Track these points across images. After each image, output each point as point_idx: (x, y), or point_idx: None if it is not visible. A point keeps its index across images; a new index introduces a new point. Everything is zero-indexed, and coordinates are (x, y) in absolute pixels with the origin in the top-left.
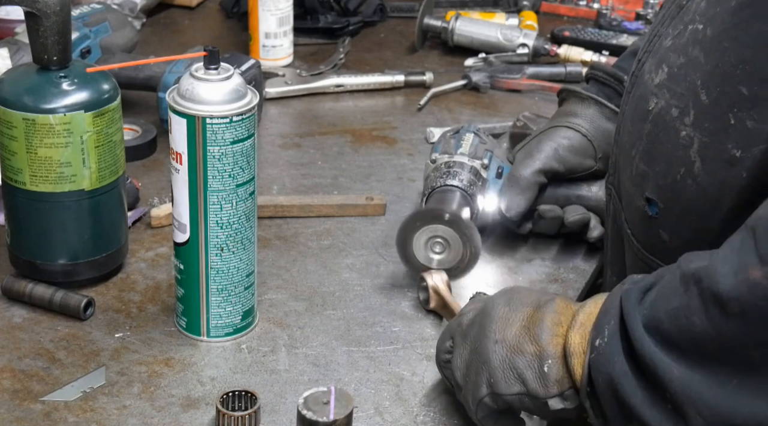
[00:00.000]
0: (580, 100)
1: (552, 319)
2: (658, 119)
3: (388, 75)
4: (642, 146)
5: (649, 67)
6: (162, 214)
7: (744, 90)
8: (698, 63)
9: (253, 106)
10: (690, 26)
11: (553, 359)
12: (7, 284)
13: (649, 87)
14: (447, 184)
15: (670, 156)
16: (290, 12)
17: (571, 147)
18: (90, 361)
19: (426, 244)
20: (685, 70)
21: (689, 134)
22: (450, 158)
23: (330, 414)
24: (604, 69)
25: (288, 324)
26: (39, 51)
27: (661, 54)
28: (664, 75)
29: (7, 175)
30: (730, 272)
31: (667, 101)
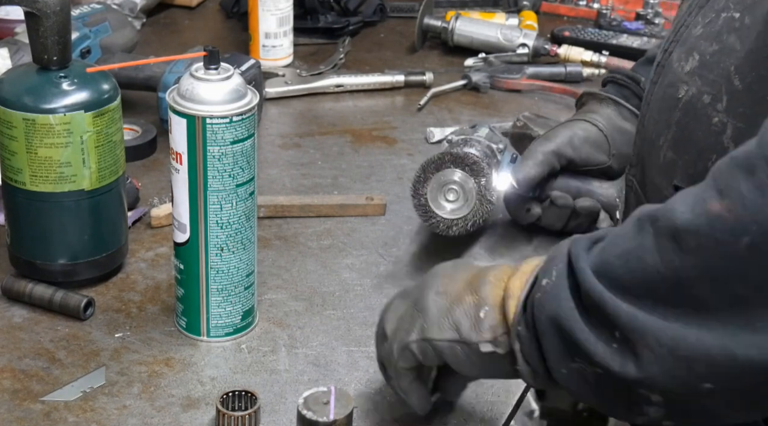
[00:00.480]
0: (598, 100)
1: (495, 275)
2: (688, 107)
3: (388, 75)
4: (671, 134)
5: (678, 56)
6: (162, 214)
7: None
8: (733, 49)
9: (253, 106)
10: (723, 14)
11: (490, 307)
12: (7, 284)
13: (678, 75)
14: (465, 151)
15: (701, 143)
16: (290, 12)
17: (587, 138)
18: (90, 361)
19: (438, 193)
20: (718, 57)
21: (722, 120)
22: (468, 137)
23: (330, 414)
24: (622, 71)
25: (288, 324)
26: (39, 51)
27: (691, 42)
28: (695, 62)
29: (7, 175)
30: (687, 209)
31: (698, 88)
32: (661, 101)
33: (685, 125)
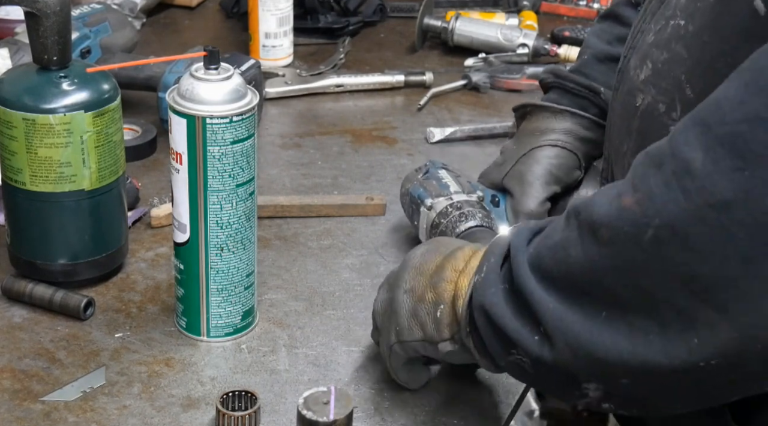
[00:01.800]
0: (552, 113)
1: (452, 266)
2: (645, 115)
3: (388, 75)
4: (632, 142)
5: (634, 64)
6: (162, 214)
7: None
8: (681, 58)
9: (253, 106)
10: (672, 22)
11: (444, 304)
12: (7, 284)
13: (635, 83)
14: (472, 226)
15: None
16: (290, 12)
17: (561, 165)
18: (90, 361)
19: None
20: (669, 66)
21: None
22: (450, 200)
23: (330, 414)
24: (572, 79)
25: (288, 324)
26: (39, 51)
27: (645, 50)
28: (648, 71)
29: (7, 175)
30: (605, 201)
31: (653, 97)
32: (622, 109)
33: (644, 133)
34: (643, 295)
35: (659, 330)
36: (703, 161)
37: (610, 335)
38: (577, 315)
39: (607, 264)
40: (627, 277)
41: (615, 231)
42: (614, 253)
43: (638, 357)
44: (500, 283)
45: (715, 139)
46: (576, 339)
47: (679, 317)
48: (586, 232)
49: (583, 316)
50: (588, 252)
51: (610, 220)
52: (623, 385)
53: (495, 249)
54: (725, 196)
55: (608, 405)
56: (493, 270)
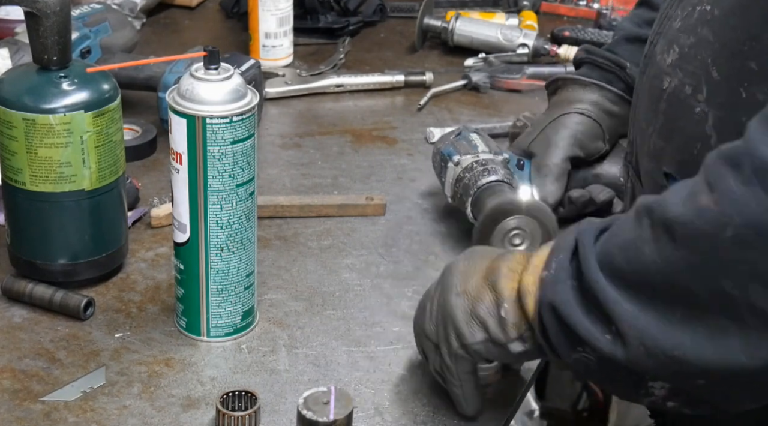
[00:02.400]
0: (581, 86)
1: (508, 266)
2: (672, 98)
3: (388, 75)
4: (659, 123)
5: (661, 49)
6: (162, 214)
7: (753, 65)
8: (708, 42)
9: (253, 106)
10: (698, 7)
11: (508, 303)
12: (7, 284)
13: (662, 67)
14: (492, 180)
15: (686, 131)
16: (290, 12)
17: (585, 132)
18: (90, 361)
19: (503, 240)
20: (696, 50)
21: (703, 110)
22: (476, 157)
23: (330, 414)
24: (602, 55)
25: (288, 324)
26: (39, 51)
27: (671, 35)
28: (675, 55)
29: (7, 175)
30: (679, 201)
31: (680, 80)
32: (649, 92)
33: (670, 115)
34: (722, 294)
35: (740, 330)
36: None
37: (688, 335)
38: (652, 314)
39: (684, 263)
40: (705, 277)
41: (692, 230)
42: (692, 252)
43: (718, 357)
44: (570, 280)
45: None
46: (652, 339)
47: (760, 317)
48: (661, 231)
49: (659, 315)
50: (663, 251)
51: (686, 220)
52: (698, 385)
53: (563, 245)
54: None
55: (673, 404)
56: (562, 267)
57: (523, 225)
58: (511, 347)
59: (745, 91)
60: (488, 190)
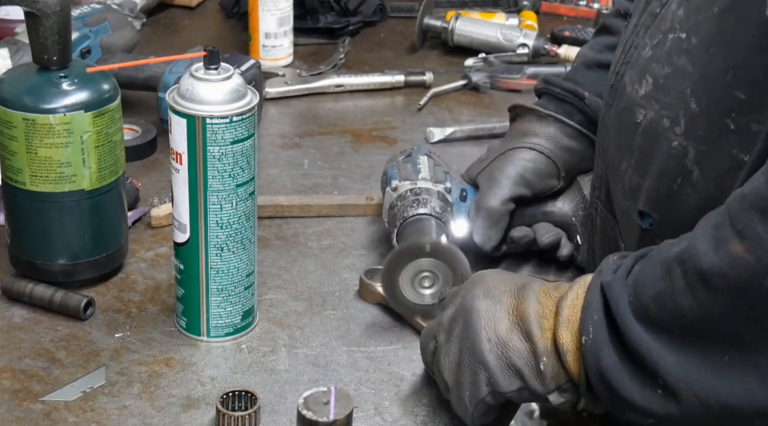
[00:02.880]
0: (538, 118)
1: (536, 312)
2: (648, 131)
3: (388, 75)
4: (633, 160)
5: (631, 79)
6: (162, 214)
7: (741, 95)
8: (686, 72)
9: (253, 106)
10: (670, 35)
11: (547, 357)
12: (7, 284)
13: (634, 99)
14: (419, 213)
15: (663, 167)
16: (290, 12)
17: (535, 169)
18: (90, 361)
19: (413, 282)
20: (672, 80)
21: (681, 144)
22: (413, 185)
23: (330, 414)
24: (559, 85)
25: (288, 324)
26: (39, 51)
27: (642, 65)
28: (649, 86)
29: (7, 175)
30: (710, 249)
31: (656, 112)
32: (620, 125)
33: (646, 150)
34: None
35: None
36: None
37: (739, 379)
38: (699, 363)
39: (725, 312)
40: (749, 322)
41: (730, 280)
42: (732, 301)
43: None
44: (610, 343)
45: None
46: (702, 387)
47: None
48: (696, 281)
49: (706, 363)
50: (703, 301)
51: (722, 270)
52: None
53: (593, 303)
54: None
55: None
56: (599, 330)
57: (431, 267)
58: (552, 398)
59: (733, 121)
60: (411, 225)
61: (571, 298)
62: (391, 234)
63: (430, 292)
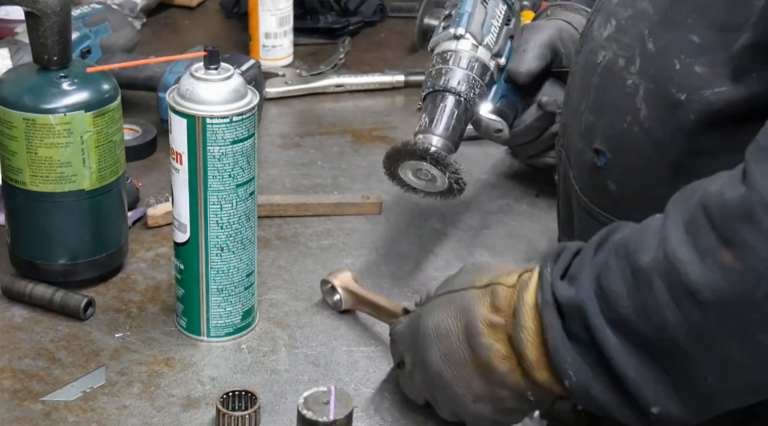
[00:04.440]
0: (572, 11)
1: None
2: (605, 71)
3: (388, 75)
4: (590, 99)
5: (598, 23)
6: (159, 214)
7: (695, 38)
8: (646, 14)
9: (253, 106)
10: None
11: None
12: (7, 284)
13: (598, 41)
14: (446, 88)
15: (617, 105)
16: (290, 12)
17: (569, 31)
18: (90, 361)
19: (414, 173)
20: (633, 21)
21: (635, 82)
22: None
23: (330, 414)
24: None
25: (288, 324)
26: (39, 51)
27: (610, 9)
28: (612, 28)
29: (7, 175)
30: (695, 259)
31: (614, 52)
32: (583, 68)
33: (603, 89)
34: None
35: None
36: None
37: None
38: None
39: (716, 325)
40: (742, 335)
41: (720, 292)
42: (723, 314)
43: None
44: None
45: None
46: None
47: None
48: (681, 295)
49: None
50: (690, 316)
51: (711, 282)
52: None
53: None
54: None
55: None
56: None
57: (425, 168)
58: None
59: (680, 62)
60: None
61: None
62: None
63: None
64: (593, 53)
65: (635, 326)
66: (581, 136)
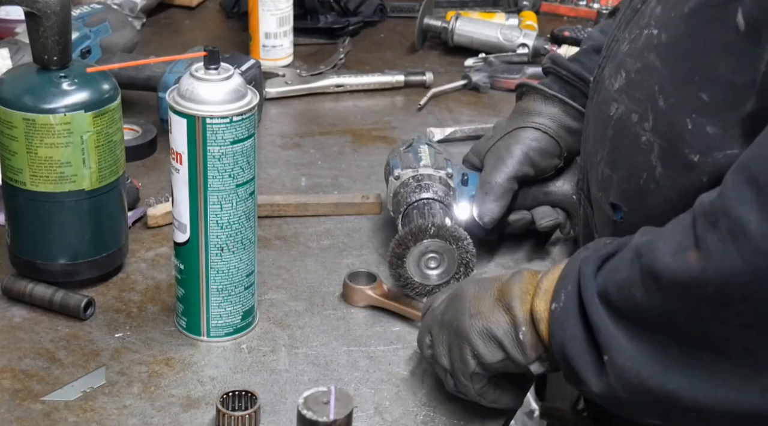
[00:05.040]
0: (543, 97)
1: (519, 288)
2: (619, 124)
3: (388, 75)
4: (606, 151)
5: (609, 73)
6: (158, 214)
7: (704, 96)
8: (655, 68)
9: (253, 106)
10: (645, 31)
11: (525, 326)
12: (7, 284)
13: (609, 92)
14: (422, 198)
15: (632, 161)
16: (290, 12)
17: (539, 149)
18: (90, 361)
19: (419, 264)
20: (642, 76)
21: (649, 139)
22: (415, 172)
23: (330, 414)
24: (566, 66)
25: (288, 324)
26: (39, 51)
27: (620, 59)
28: (622, 80)
29: (7, 175)
30: (668, 251)
31: (627, 106)
32: (597, 118)
33: (617, 143)
34: (713, 337)
35: (732, 367)
36: (759, 222)
37: (682, 371)
38: (648, 350)
39: (673, 310)
40: (695, 323)
41: (677, 285)
42: (679, 303)
43: (709, 392)
44: (577, 315)
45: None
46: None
47: (753, 359)
48: (649, 278)
49: (654, 352)
50: (652, 297)
51: (671, 272)
52: (691, 418)
53: (570, 274)
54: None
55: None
56: (570, 298)
57: (436, 248)
58: (533, 368)
59: (692, 122)
60: (416, 209)
61: (553, 272)
62: (396, 221)
63: (437, 273)
64: (606, 104)
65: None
66: (599, 188)
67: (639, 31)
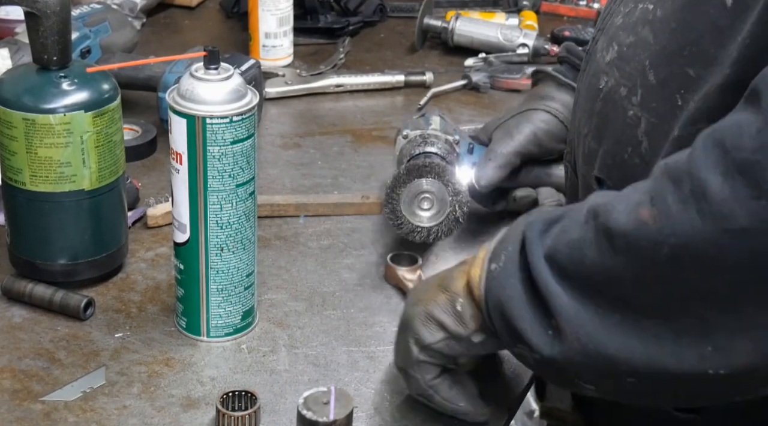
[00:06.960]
0: (557, 84)
1: (459, 269)
2: (607, 98)
3: (388, 75)
4: (593, 124)
5: (601, 45)
6: (158, 214)
7: (691, 72)
8: (647, 43)
9: (253, 106)
10: (640, 5)
11: (463, 297)
12: (7, 284)
13: (600, 65)
14: (426, 152)
15: (618, 134)
16: (290, 12)
17: (548, 131)
18: (90, 361)
19: (412, 204)
20: (634, 50)
21: (636, 114)
22: (423, 131)
23: (330, 414)
24: (580, 56)
25: (288, 324)
26: (39, 51)
27: (612, 32)
28: (614, 53)
29: (7, 175)
30: (624, 210)
31: (616, 80)
32: (587, 91)
33: (604, 116)
34: (659, 302)
35: (673, 336)
36: (721, 186)
37: (622, 334)
38: (591, 313)
39: (622, 272)
40: (642, 286)
41: (631, 243)
42: (630, 263)
43: (648, 359)
44: (518, 273)
45: (733, 165)
46: (588, 335)
47: (694, 326)
48: (603, 237)
49: (597, 314)
50: (604, 257)
51: (626, 231)
52: (627, 384)
53: (512, 236)
54: (741, 224)
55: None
56: (511, 260)
57: (431, 187)
58: (473, 338)
59: (681, 97)
60: (416, 160)
61: (491, 242)
62: None
63: (428, 215)
64: (596, 77)
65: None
66: (584, 161)
67: (634, 5)
